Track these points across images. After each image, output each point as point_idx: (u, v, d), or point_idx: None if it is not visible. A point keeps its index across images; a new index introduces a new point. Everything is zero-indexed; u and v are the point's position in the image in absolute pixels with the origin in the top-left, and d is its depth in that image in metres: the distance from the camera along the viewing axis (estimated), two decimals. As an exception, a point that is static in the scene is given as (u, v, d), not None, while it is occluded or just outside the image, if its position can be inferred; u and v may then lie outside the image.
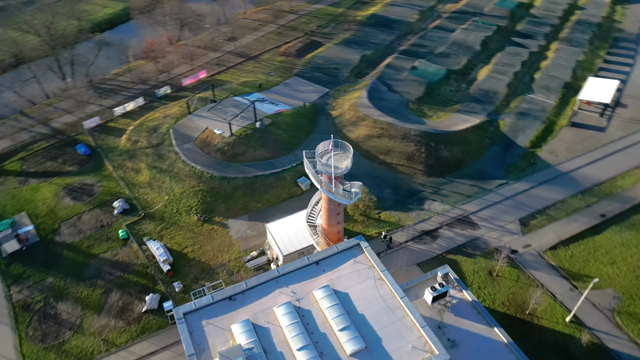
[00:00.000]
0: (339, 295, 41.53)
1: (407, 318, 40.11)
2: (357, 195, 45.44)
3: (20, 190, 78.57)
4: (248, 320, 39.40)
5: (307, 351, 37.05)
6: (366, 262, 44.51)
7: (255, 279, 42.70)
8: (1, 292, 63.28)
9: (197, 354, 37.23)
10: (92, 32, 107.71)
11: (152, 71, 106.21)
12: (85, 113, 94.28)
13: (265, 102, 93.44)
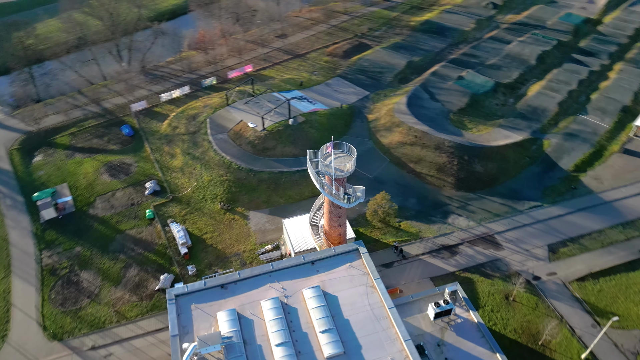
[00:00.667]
0: (327, 297, 41.36)
1: (392, 329, 39.26)
2: (359, 200, 44.95)
3: (66, 163, 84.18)
4: (234, 310, 40.15)
5: (285, 348, 37.24)
6: (361, 268, 43.99)
7: (249, 270, 43.43)
8: (33, 255, 68.11)
9: (180, 336, 38.46)
10: (152, 21, 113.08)
11: (202, 62, 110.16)
12: (134, 96, 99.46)
13: (302, 100, 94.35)
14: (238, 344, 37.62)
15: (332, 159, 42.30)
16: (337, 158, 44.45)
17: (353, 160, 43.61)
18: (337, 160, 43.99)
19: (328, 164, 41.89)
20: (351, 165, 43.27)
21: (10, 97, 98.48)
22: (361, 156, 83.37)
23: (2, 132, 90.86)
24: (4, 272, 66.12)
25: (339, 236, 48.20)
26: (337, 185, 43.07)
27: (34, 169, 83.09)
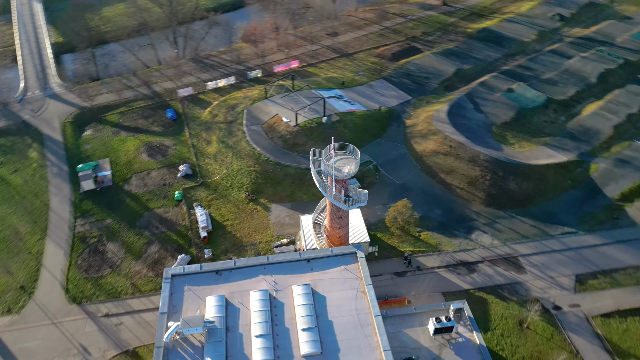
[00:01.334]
0: (315, 297, 41.40)
1: (373, 337, 38.68)
2: (359, 203, 44.45)
3: (111, 139, 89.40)
4: (223, 297, 41.15)
5: (264, 340, 37.75)
6: (356, 272, 43.59)
7: (245, 260, 44.31)
8: (68, 222, 73.05)
9: (168, 314, 40.01)
10: (209, 12, 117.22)
11: (250, 54, 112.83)
12: (182, 82, 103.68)
13: (341, 99, 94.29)
14: (220, 330, 38.57)
15: (333, 160, 42.12)
16: (341, 159, 44.22)
17: (355, 163, 43.17)
18: (340, 161, 43.77)
19: (330, 164, 41.76)
20: (353, 168, 42.87)
21: (71, 74, 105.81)
22: (392, 161, 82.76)
23: (60, 105, 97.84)
24: (40, 234, 71.44)
25: (340, 237, 47.93)
26: (338, 187, 42.85)
27: (82, 142, 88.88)
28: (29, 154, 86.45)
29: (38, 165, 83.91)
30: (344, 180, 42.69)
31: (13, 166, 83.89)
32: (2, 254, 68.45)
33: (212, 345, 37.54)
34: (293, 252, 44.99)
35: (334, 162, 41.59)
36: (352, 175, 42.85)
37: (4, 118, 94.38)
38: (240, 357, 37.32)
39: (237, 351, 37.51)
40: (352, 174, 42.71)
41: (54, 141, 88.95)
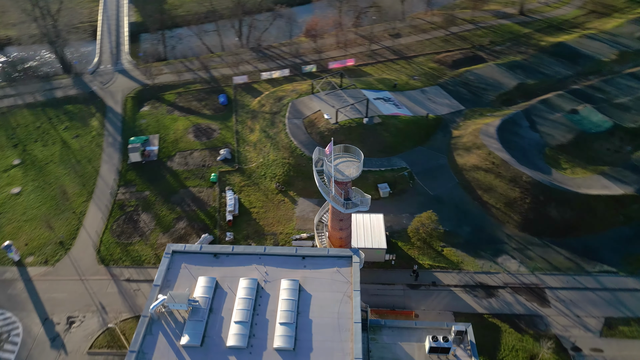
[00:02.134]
0: (301, 294, 41.66)
1: (348, 344, 38.30)
2: (358, 208, 43.85)
3: (165, 117, 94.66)
4: (214, 279, 42.60)
5: (242, 327, 38.71)
6: (347, 276, 43.24)
7: (243, 248, 45.44)
8: (111, 189, 78.59)
9: (161, 287, 42.15)
10: (276, 4, 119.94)
11: (308, 49, 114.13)
12: (239, 70, 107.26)
13: (388, 102, 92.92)
14: (203, 310, 40.04)
15: (332, 161, 41.89)
16: (344, 162, 43.85)
17: (357, 166, 42.62)
18: (343, 163, 43.41)
19: (330, 165, 41.60)
20: (354, 171, 42.38)
21: (140, 52, 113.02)
22: (429, 171, 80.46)
23: (126, 80, 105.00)
24: (86, 197, 77.54)
25: (340, 239, 47.64)
26: (338, 189, 42.59)
27: (139, 117, 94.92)
28: (91, 122, 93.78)
29: (97, 134, 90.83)
30: (345, 182, 42.40)
31: (75, 131, 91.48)
32: (50, 210, 75.14)
33: (193, 323, 39.10)
34: (290, 247, 45.45)
35: (333, 163, 41.40)
36: (353, 179, 42.42)
37: (76, 87, 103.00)
38: (217, 339, 38.56)
39: (214, 333, 38.79)
40: (353, 177, 42.28)
41: (115, 113, 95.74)
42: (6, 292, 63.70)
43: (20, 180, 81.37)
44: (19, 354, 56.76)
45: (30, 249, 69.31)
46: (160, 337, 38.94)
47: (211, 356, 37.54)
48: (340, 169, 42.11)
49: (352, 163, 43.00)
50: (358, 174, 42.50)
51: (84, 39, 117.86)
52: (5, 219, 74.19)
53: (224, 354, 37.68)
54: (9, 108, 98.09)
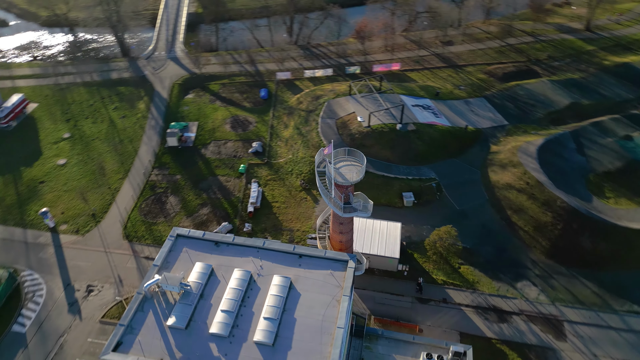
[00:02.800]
0: (291, 292, 41.77)
1: (327, 347, 37.97)
2: (357, 213, 43.19)
3: (206, 106, 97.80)
4: (210, 266, 43.63)
5: (227, 316, 39.43)
6: (340, 280, 42.83)
7: (243, 239, 46.17)
8: (146, 169, 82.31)
9: (160, 267, 43.75)
10: (328, 3, 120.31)
11: (355, 50, 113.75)
12: (284, 66, 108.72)
13: (427, 110, 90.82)
14: (194, 295, 41.13)
15: (332, 163, 41.49)
16: (347, 165, 43.29)
17: (358, 171, 41.95)
18: (346, 167, 42.86)
19: (331, 166, 41.31)
20: (354, 175, 41.77)
21: (192, 42, 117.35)
22: (459, 184, 77.90)
23: (176, 68, 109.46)
24: (122, 175, 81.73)
25: (340, 243, 47.14)
26: (338, 192, 42.17)
27: (182, 104, 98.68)
28: (138, 104, 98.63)
29: (142, 116, 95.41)
30: (345, 186, 41.95)
31: (123, 112, 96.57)
32: (88, 183, 79.88)
33: (182, 306, 40.30)
34: (288, 244, 45.66)
35: (333, 164, 41.14)
36: (353, 183, 41.90)
37: (130, 70, 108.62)
38: (201, 324, 39.52)
39: (200, 318, 39.78)
40: (353, 182, 41.76)
41: (161, 98, 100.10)
42: (37, 255, 68.47)
43: (67, 152, 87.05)
44: (39, 314, 60.90)
45: (65, 218, 74.06)
46: (150, 315, 40.46)
47: (193, 340, 38.54)
48: (342, 172, 41.75)
49: (355, 167, 42.52)
50: (359, 179, 41.96)
51: (143, 25, 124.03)
52: (47, 187, 79.69)
53: (205, 340, 38.55)
54: (68, 85, 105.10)
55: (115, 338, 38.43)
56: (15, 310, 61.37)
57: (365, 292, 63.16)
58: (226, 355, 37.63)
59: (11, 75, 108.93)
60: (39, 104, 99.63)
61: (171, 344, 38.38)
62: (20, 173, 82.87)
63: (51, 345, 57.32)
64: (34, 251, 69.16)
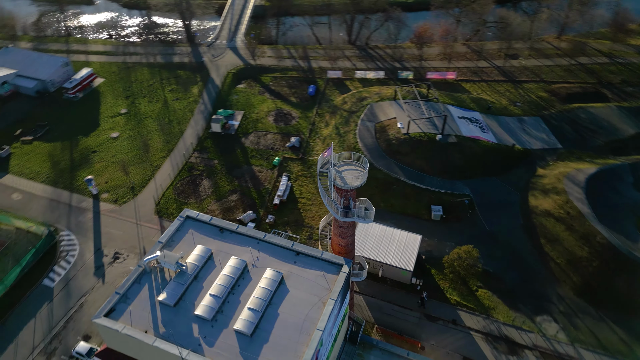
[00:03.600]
0: (279, 287, 42.10)
1: (302, 347, 37.91)
2: (354, 218, 42.37)
3: (255, 96, 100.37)
4: (209, 250, 45.04)
5: (214, 300, 40.61)
6: (330, 283, 42.53)
7: (246, 229, 47.16)
8: (187, 151, 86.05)
9: (164, 245, 45.82)
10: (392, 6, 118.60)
11: (411, 55, 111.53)
12: (337, 65, 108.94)
13: (474, 123, 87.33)
14: (188, 275, 42.68)
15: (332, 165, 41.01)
16: (350, 170, 42.55)
17: (359, 176, 41.15)
18: (349, 171, 42.17)
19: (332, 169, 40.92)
20: (355, 180, 41.04)
21: (252, 33, 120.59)
22: (494, 205, 74.43)
23: (233, 57, 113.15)
24: (165, 153, 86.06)
25: (340, 247, 46.58)
26: (337, 195, 41.73)
27: (233, 92, 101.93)
28: (192, 89, 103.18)
29: (193, 100, 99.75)
30: (345, 190, 41.45)
31: (177, 94, 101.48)
32: (133, 157, 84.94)
33: (175, 284, 42.01)
34: (288, 240, 45.99)
35: (332, 166, 40.81)
36: (352, 188, 41.28)
37: (191, 55, 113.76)
38: (189, 304, 40.99)
39: (189, 298, 41.28)
40: (353, 187, 41.14)
41: (214, 85, 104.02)
42: (77, 218, 74.00)
43: (121, 127, 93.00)
44: (68, 272, 65.92)
45: (107, 187, 79.35)
46: (145, 288, 42.56)
47: (179, 318, 40.10)
48: (344, 176, 41.40)
49: (358, 172, 41.97)
50: (359, 185, 41.34)
51: (210, 13, 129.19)
52: (98, 157, 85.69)
53: (189, 320, 39.96)
54: (134, 64, 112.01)
55: (109, 304, 40.85)
56: (48, 266, 66.79)
57: (373, 300, 62.30)
58: (205, 338, 38.79)
59: (86, 50, 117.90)
60: (105, 79, 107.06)
61: (158, 318, 40.18)
62: (77, 141, 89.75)
63: (73, 303, 61.85)
64: (75, 214, 74.79)
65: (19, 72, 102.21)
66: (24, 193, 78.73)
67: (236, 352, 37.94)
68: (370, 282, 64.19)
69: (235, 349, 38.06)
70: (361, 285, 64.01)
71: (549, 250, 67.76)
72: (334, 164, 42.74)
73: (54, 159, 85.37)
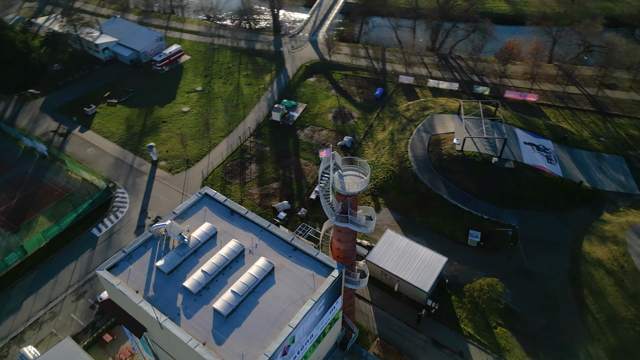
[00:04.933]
0: (267, 278, 42.66)
1: (269, 338, 38.31)
2: (348, 225, 41.31)
3: (321, 92, 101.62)
4: (215, 229, 46.97)
5: (203, 276, 42.39)
6: (317, 283, 42.26)
7: (254, 216, 48.38)
8: (244, 134, 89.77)
9: (177, 216, 48.72)
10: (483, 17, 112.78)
11: (491, 70, 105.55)
12: (411, 70, 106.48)
13: (542, 152, 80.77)
14: (188, 249, 45.01)
15: (331, 169, 40.25)
16: (353, 176, 41.47)
17: (358, 183, 40.00)
18: (350, 177, 41.13)
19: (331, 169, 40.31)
20: (353, 187, 40.01)
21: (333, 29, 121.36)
22: (541, 242, 68.90)
23: (310, 50, 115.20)
24: (224, 133, 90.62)
25: (338, 250, 45.81)
26: (335, 199, 41.02)
27: (302, 85, 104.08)
28: (265, 76, 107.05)
29: (263, 88, 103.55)
30: (343, 195, 40.73)
31: (250, 80, 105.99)
32: (195, 132, 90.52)
33: (174, 254, 44.57)
34: (289, 234, 46.40)
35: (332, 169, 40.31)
36: (350, 194, 40.38)
37: (272, 44, 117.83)
38: (181, 275, 43.25)
39: (183, 269, 43.56)
40: (350, 193, 40.24)
41: (286, 75, 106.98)
42: (134, 179, 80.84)
43: (193, 103, 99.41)
44: (114, 226, 72.52)
45: (166, 156, 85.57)
46: (149, 252, 45.64)
47: (168, 285, 42.58)
48: (345, 181, 40.84)
49: (360, 179, 41.11)
50: (357, 192, 40.46)
51: (299, 6, 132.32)
52: (166, 127, 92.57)
53: (176, 289, 42.26)
54: (219, 46, 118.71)
55: (114, 260, 44.49)
56: (100, 217, 73.93)
57: (383, 313, 60.92)
58: (185, 309, 40.83)
59: (182, 28, 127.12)
60: (191, 57, 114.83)
61: (151, 282, 43.01)
62: (152, 110, 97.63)
63: (110, 254, 67.94)
64: (133, 175, 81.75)
65: (119, 40, 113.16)
66: (97, 149, 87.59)
67: (208, 329, 39.46)
68: (384, 295, 62.81)
69: (209, 326, 39.59)
70: (374, 295, 62.84)
71: (590, 302, 61.15)
72: (339, 167, 42.39)
73: (129, 123, 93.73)
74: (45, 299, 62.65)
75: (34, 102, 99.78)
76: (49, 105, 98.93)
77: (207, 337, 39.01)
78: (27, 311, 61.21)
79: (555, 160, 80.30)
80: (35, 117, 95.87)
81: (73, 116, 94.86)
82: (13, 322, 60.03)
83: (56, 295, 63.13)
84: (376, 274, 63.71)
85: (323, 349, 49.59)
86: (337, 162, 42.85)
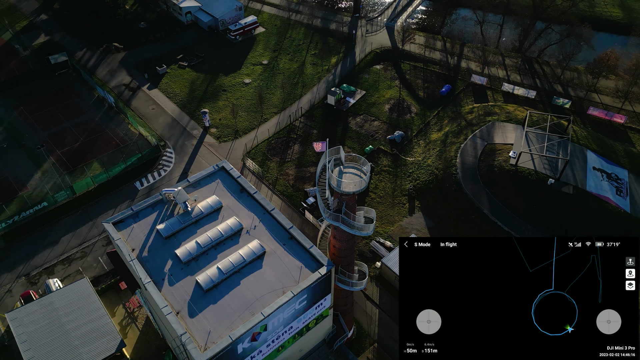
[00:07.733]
0: (255, 262, 41.97)
1: (239, 322, 37.88)
2: (339, 224, 38.99)
3: (385, 81, 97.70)
4: (220, 204, 47.19)
5: (196, 247, 42.83)
6: (302, 277, 41.01)
7: (261, 197, 47.93)
8: (293, 113, 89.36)
9: (190, 184, 49.70)
10: (582, 22, 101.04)
11: (580, 82, 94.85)
12: (487, 70, 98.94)
13: (611, 180, 71.71)
14: (190, 217, 45.81)
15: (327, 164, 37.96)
16: (354, 174, 38.88)
17: (355, 183, 37.40)
18: (350, 175, 38.61)
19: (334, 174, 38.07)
20: (349, 186, 37.55)
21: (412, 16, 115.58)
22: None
23: (384, 37, 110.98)
24: (277, 110, 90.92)
25: (333, 248, 43.79)
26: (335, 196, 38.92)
27: (366, 71, 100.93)
28: (331, 58, 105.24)
29: (327, 69, 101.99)
30: (339, 194, 38.56)
31: (316, 60, 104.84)
32: (250, 105, 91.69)
33: (175, 220, 45.54)
34: (289, 222, 45.32)
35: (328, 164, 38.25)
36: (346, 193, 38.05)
37: (347, 26, 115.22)
38: (176, 242, 44.12)
39: (179, 237, 44.40)
40: (346, 192, 37.89)
41: (352, 59, 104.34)
42: (184, 141, 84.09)
43: (256, 75, 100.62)
44: (154, 182, 76.20)
45: (217, 124, 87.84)
46: (154, 214, 47.12)
47: (162, 250, 43.72)
48: (343, 180, 38.66)
49: (359, 178, 38.65)
50: (352, 191, 38.03)
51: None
52: (224, 96, 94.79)
53: (167, 255, 43.29)
54: (295, 22, 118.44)
55: (121, 216, 46.55)
56: (144, 172, 78.04)
57: (387, 319, 58.45)
58: (170, 276, 41.77)
59: (264, 0, 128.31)
60: (265, 29, 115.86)
61: (147, 243, 44.48)
62: (217, 77, 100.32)
63: (145, 208, 71.53)
64: (183, 137, 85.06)
65: (201, 6, 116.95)
66: (159, 107, 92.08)
67: (186, 299, 40.07)
68: (393, 300, 60.15)
69: (186, 297, 40.20)
70: (383, 298, 60.37)
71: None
72: (342, 164, 40.33)
73: (193, 87, 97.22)
74: (80, 239, 67.78)
75: (116, 55, 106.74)
76: (128, 60, 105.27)
77: (182, 307, 39.67)
78: (63, 247, 66.69)
79: (625, 194, 70.90)
80: (113, 69, 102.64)
81: (145, 73, 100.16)
82: (49, 254, 65.77)
83: (90, 237, 68.01)
84: (390, 278, 61.05)
85: (308, 343, 48.65)
86: (341, 158, 40.78)
